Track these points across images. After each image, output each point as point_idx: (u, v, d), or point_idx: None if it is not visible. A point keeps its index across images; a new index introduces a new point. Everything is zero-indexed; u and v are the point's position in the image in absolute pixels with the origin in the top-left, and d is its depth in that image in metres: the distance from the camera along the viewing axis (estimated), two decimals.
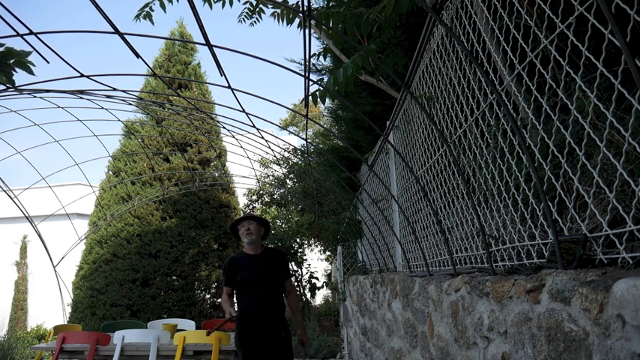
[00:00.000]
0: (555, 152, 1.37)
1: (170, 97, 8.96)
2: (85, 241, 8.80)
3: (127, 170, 9.11)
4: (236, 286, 3.47)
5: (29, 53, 1.99)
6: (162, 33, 15.89)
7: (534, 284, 1.25)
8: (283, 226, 11.03)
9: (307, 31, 2.16)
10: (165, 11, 3.26)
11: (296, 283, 10.62)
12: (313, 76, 5.38)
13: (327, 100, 2.76)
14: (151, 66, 2.72)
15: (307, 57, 2.30)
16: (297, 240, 10.43)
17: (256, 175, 8.55)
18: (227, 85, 2.65)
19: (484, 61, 1.78)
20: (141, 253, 8.51)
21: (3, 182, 6.31)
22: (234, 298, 3.56)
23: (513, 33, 1.55)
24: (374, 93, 4.41)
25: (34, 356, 6.02)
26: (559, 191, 1.38)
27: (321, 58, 4.61)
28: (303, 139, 3.60)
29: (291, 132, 11.84)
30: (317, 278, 10.69)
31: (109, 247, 8.55)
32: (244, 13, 3.49)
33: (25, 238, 13.28)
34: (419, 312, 2.42)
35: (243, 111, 3.20)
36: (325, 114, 9.83)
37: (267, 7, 3.31)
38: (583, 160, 1.23)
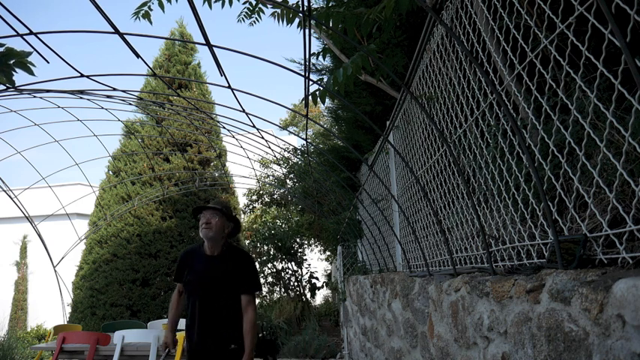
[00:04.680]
0: (555, 152, 1.36)
1: (170, 97, 8.96)
2: (85, 241, 8.81)
3: (127, 170, 9.11)
4: (184, 287, 2.98)
5: (29, 53, 1.99)
6: (162, 33, 15.89)
7: (534, 284, 1.25)
8: (283, 226, 11.04)
9: (307, 31, 2.16)
10: (163, 11, 3.26)
11: (296, 283, 10.62)
12: (313, 76, 5.38)
13: (327, 100, 2.76)
14: (151, 66, 2.73)
15: (307, 57, 2.30)
16: (297, 240, 10.44)
17: (256, 175, 8.55)
18: (227, 85, 2.65)
19: (484, 61, 1.78)
20: (141, 253, 8.52)
21: (3, 182, 6.31)
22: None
23: (513, 33, 1.55)
24: (374, 93, 4.40)
25: (34, 356, 6.02)
26: (559, 191, 1.38)
27: (321, 58, 4.61)
28: (303, 139, 3.60)
29: (291, 132, 11.86)
30: (317, 278, 10.70)
31: (109, 247, 8.55)
32: (244, 13, 3.49)
33: (25, 238, 13.29)
34: (419, 312, 2.42)
35: (243, 111, 3.20)
36: (325, 114, 9.84)
37: (267, 7, 3.31)
38: (583, 160, 1.23)
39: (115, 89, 3.22)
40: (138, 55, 2.44)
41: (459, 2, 2.01)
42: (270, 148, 5.09)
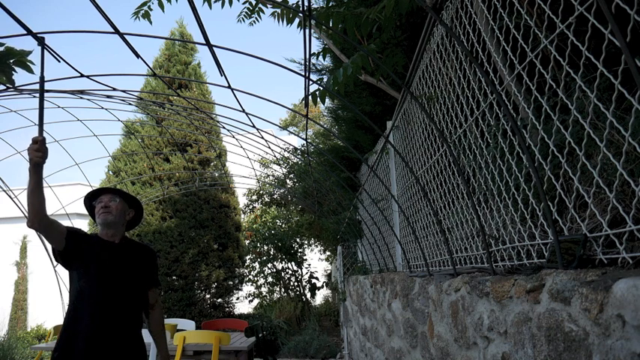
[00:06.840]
0: (555, 152, 1.36)
1: (170, 97, 8.96)
2: None
3: (127, 170, 9.12)
4: (79, 275, 2.31)
5: (29, 53, 2.00)
6: (163, 33, 15.88)
7: (534, 284, 1.25)
8: (283, 226, 11.04)
9: (307, 31, 2.16)
10: (163, 11, 3.26)
11: (296, 283, 10.62)
12: (313, 76, 5.39)
13: (327, 100, 2.77)
14: (151, 66, 2.72)
15: (307, 57, 2.30)
16: (297, 240, 10.44)
17: (256, 175, 8.55)
18: (227, 85, 2.65)
19: (484, 61, 1.77)
20: None
21: (3, 182, 6.31)
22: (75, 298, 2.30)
23: (513, 33, 1.55)
24: (374, 93, 4.41)
25: (34, 356, 6.02)
26: (559, 191, 1.38)
27: (321, 58, 4.61)
28: (303, 139, 3.60)
29: (291, 132, 11.85)
30: (317, 278, 10.70)
31: None
32: (244, 13, 3.49)
33: (25, 238, 13.27)
34: (419, 312, 2.42)
35: (243, 111, 3.20)
36: (325, 114, 9.84)
37: (267, 7, 3.31)
38: (583, 160, 1.22)
39: (115, 89, 3.22)
40: (138, 55, 2.44)
41: (459, 2, 2.01)
42: (270, 148, 5.09)
